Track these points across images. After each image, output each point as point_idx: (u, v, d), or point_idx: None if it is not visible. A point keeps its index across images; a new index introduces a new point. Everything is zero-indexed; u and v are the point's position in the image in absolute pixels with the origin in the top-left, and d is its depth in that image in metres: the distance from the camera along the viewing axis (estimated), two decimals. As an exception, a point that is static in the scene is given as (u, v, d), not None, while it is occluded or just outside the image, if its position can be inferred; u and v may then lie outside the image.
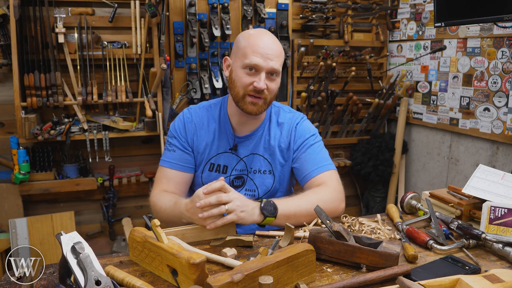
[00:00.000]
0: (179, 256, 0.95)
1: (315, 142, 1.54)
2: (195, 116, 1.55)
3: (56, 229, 2.70)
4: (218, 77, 2.84)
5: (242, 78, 1.39)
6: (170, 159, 1.53)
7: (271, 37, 1.42)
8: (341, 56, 3.14)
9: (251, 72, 1.38)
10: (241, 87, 1.40)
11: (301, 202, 1.36)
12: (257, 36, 1.40)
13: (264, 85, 1.37)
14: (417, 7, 3.09)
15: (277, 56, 1.39)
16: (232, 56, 1.47)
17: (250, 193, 1.55)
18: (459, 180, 2.82)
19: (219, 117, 1.54)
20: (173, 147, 1.53)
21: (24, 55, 2.49)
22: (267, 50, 1.36)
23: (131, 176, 2.87)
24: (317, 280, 1.03)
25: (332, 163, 1.53)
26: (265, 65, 1.36)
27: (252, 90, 1.38)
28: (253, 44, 1.37)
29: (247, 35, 1.42)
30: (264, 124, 1.54)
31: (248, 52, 1.37)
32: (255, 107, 1.41)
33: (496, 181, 1.39)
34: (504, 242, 1.17)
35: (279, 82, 1.45)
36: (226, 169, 1.53)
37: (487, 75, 2.58)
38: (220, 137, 1.53)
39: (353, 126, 3.32)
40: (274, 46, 1.39)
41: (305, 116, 1.61)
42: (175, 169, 1.52)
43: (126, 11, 2.71)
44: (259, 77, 1.37)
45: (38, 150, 2.64)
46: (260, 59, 1.36)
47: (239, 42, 1.43)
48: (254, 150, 1.53)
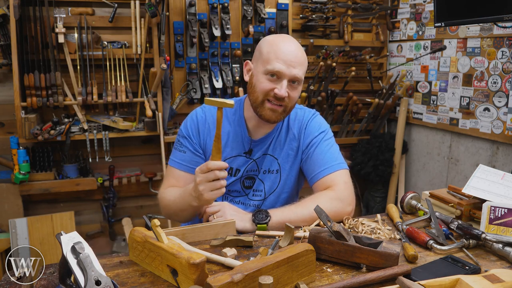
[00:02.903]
0: (179, 256, 0.95)
1: (325, 140, 1.50)
2: (209, 116, 1.50)
3: (56, 229, 2.70)
4: (218, 77, 2.84)
5: (263, 84, 1.35)
6: (180, 160, 1.49)
7: (295, 44, 1.38)
8: (341, 56, 3.14)
9: (273, 79, 1.35)
10: (261, 93, 1.36)
11: (297, 209, 1.34)
12: (281, 42, 1.36)
13: (286, 92, 1.34)
14: (417, 7, 3.09)
15: (300, 64, 1.36)
16: (254, 60, 1.43)
17: (257, 193, 1.53)
18: (459, 180, 2.82)
19: (234, 120, 1.50)
20: (183, 148, 1.49)
21: (24, 55, 2.49)
22: (290, 57, 1.33)
23: (131, 176, 2.87)
24: (317, 280, 1.03)
25: (343, 161, 1.48)
26: (288, 72, 1.33)
27: (272, 96, 1.35)
28: (276, 50, 1.34)
29: (271, 40, 1.39)
30: (278, 126, 1.51)
31: (271, 58, 1.34)
32: (274, 115, 1.38)
33: (496, 181, 1.39)
34: (504, 242, 1.16)
35: (300, 90, 1.41)
36: (238, 172, 1.50)
37: (487, 75, 2.58)
38: (235, 140, 1.49)
39: (353, 126, 3.32)
40: (298, 53, 1.36)
41: (317, 112, 1.57)
42: (184, 171, 1.49)
43: (126, 11, 2.71)
44: (281, 84, 1.34)
45: (38, 150, 2.64)
46: (283, 65, 1.32)
47: (261, 47, 1.39)
48: (266, 151, 1.51)
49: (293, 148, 1.52)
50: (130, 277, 1.05)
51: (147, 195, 2.98)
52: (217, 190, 1.23)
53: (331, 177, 1.44)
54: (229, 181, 1.49)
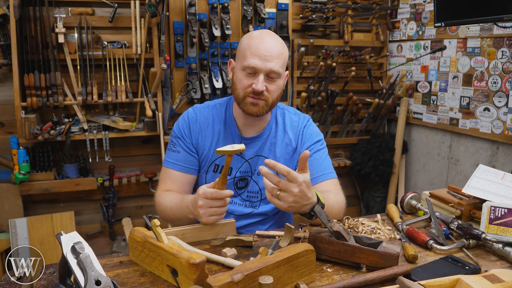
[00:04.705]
0: (179, 256, 0.95)
1: (322, 148, 1.54)
2: (200, 116, 1.53)
3: (56, 229, 2.70)
4: (218, 77, 2.84)
5: (242, 80, 1.39)
6: (174, 160, 1.51)
7: (272, 38, 1.40)
8: (341, 56, 3.14)
9: (250, 74, 1.37)
10: (241, 89, 1.40)
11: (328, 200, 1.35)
12: (258, 38, 1.39)
13: (263, 86, 1.36)
14: (417, 7, 3.09)
15: (277, 57, 1.37)
16: (235, 58, 1.47)
17: (253, 195, 1.54)
18: (459, 180, 2.82)
19: (224, 118, 1.53)
20: (177, 148, 1.51)
21: (24, 55, 2.49)
22: (265, 52, 1.35)
23: (131, 176, 2.87)
24: (317, 280, 1.03)
25: (335, 172, 1.53)
26: (263, 67, 1.35)
27: (251, 92, 1.38)
28: (253, 45, 1.37)
29: (249, 37, 1.41)
30: (270, 126, 1.53)
31: (247, 54, 1.36)
32: (256, 108, 1.40)
33: (496, 181, 1.39)
34: (504, 242, 1.17)
35: (280, 83, 1.42)
36: (231, 171, 1.51)
37: (487, 75, 2.58)
38: (226, 138, 1.51)
39: (353, 126, 3.32)
40: (275, 48, 1.38)
41: (310, 117, 1.61)
42: (179, 171, 1.50)
43: (126, 11, 2.70)
44: (257, 79, 1.36)
45: (38, 150, 2.64)
46: (258, 61, 1.35)
47: (241, 44, 1.42)
48: (259, 152, 1.52)
49: (289, 152, 1.54)
50: (130, 277, 1.05)
51: (147, 195, 2.98)
52: (217, 216, 1.24)
53: (328, 182, 1.48)
54: None
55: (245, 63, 1.36)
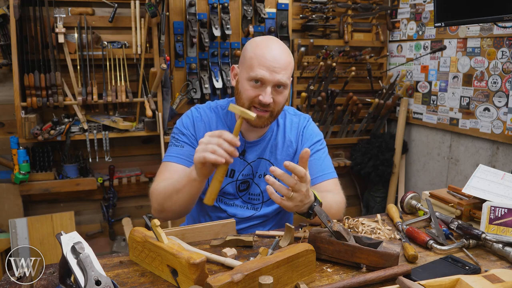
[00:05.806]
0: (179, 256, 0.95)
1: (322, 148, 1.53)
2: (204, 116, 1.50)
3: (56, 229, 2.70)
4: (218, 77, 2.84)
5: (248, 91, 1.34)
6: (178, 154, 1.45)
7: (279, 47, 1.36)
8: (341, 56, 3.14)
9: (257, 85, 1.33)
10: (246, 99, 1.35)
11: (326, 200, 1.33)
12: (264, 47, 1.34)
13: (270, 99, 1.32)
14: (417, 7, 3.09)
15: (284, 68, 1.33)
16: (240, 65, 1.42)
17: (254, 197, 1.53)
18: (459, 180, 2.82)
19: (227, 122, 1.50)
20: (181, 143, 1.46)
21: (24, 55, 2.49)
22: (273, 63, 1.31)
23: (131, 176, 2.87)
24: (317, 280, 1.03)
25: (335, 171, 1.51)
26: (271, 78, 1.31)
27: (257, 103, 1.34)
28: (259, 55, 1.32)
29: (254, 45, 1.37)
30: (271, 129, 1.52)
31: (254, 64, 1.32)
32: (260, 120, 1.37)
33: (496, 181, 1.39)
34: (504, 242, 1.17)
35: (286, 94, 1.39)
36: (234, 173, 1.50)
37: (487, 75, 2.58)
38: None
39: (353, 126, 3.32)
40: (282, 58, 1.33)
41: (310, 117, 1.59)
42: (181, 164, 1.43)
43: (126, 11, 2.71)
44: (265, 91, 1.32)
45: (38, 150, 2.64)
46: (266, 72, 1.30)
47: (246, 51, 1.38)
48: (261, 155, 1.51)
49: (290, 154, 1.53)
50: (130, 277, 1.05)
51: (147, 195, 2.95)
52: (214, 156, 1.12)
53: (329, 182, 1.47)
54: (224, 182, 1.49)
55: (252, 74, 1.32)
